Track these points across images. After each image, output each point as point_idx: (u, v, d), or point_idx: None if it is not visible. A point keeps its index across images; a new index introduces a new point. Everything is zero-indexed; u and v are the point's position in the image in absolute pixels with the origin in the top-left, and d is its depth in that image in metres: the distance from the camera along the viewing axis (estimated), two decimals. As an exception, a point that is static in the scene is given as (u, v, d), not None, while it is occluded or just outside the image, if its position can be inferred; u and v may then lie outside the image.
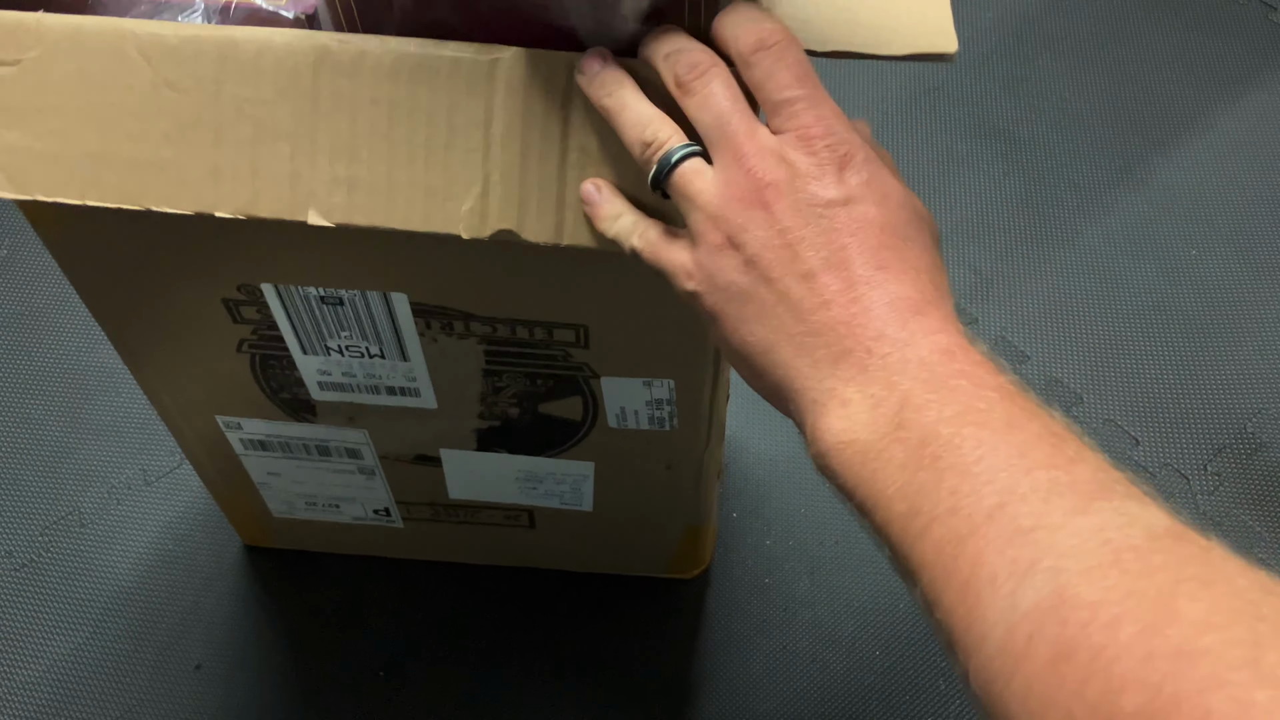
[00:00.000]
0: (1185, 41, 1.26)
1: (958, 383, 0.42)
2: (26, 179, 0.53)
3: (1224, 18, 1.28)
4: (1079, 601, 0.35)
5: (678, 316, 0.62)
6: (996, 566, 0.37)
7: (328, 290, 0.63)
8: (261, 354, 0.69)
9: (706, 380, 0.67)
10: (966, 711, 0.86)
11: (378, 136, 0.52)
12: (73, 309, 1.05)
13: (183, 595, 0.92)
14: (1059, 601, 0.35)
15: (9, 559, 0.93)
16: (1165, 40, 1.26)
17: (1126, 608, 0.34)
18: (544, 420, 0.72)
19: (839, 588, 0.93)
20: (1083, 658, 0.34)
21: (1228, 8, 1.29)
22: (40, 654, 0.89)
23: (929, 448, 0.41)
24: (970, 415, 0.41)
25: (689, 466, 0.76)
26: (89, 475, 0.97)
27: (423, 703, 0.87)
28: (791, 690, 0.88)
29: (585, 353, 0.66)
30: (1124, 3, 1.29)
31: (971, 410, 0.41)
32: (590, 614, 0.91)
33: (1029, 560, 0.37)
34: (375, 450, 0.77)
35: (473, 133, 0.52)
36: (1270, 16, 1.28)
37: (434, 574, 0.93)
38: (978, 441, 0.40)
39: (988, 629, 0.37)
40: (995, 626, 0.37)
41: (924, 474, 0.40)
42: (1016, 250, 1.12)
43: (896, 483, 0.41)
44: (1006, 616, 0.36)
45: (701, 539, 0.88)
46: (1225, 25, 1.27)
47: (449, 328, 0.65)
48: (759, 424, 1.00)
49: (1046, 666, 0.35)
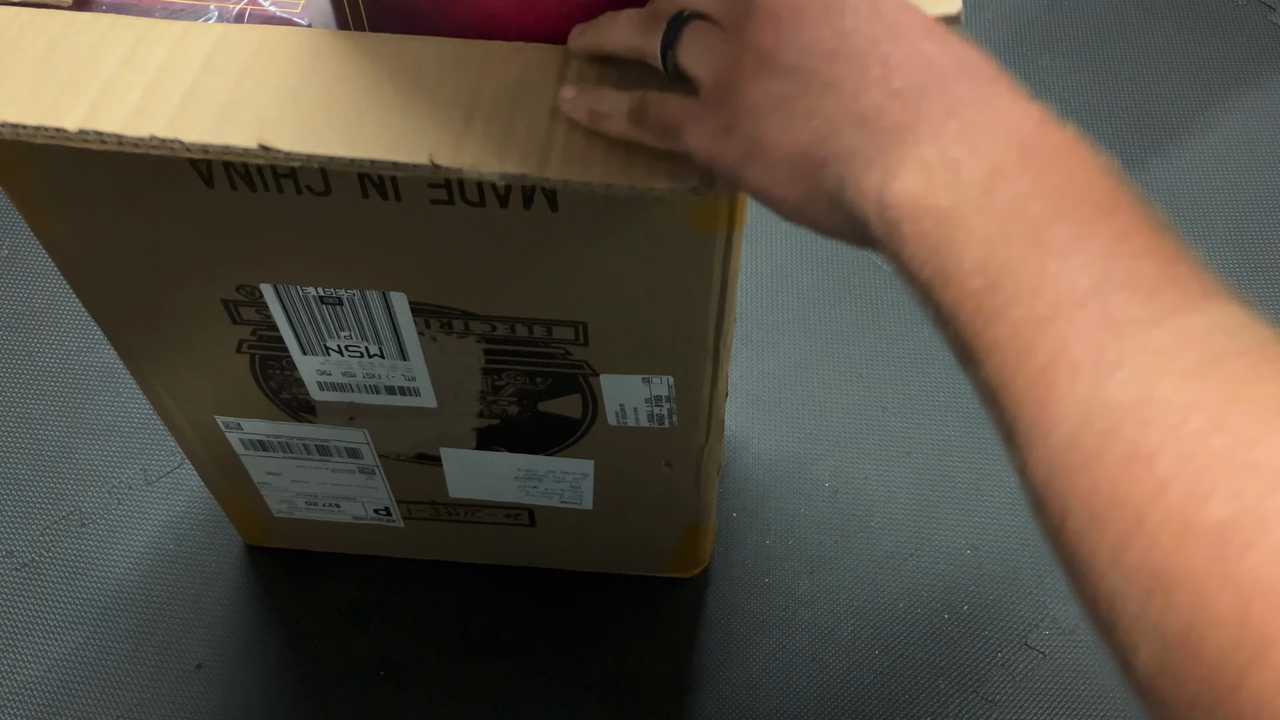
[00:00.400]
0: (1185, 42, 1.26)
1: (1054, 154, 0.38)
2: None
3: (1224, 18, 1.28)
4: (1170, 403, 0.32)
5: (677, 312, 0.62)
6: (1080, 356, 0.34)
7: (327, 290, 0.63)
8: (261, 354, 0.69)
9: (706, 376, 0.67)
10: (966, 711, 0.87)
11: (355, 87, 0.51)
12: (73, 309, 1.05)
13: (183, 595, 0.92)
14: (1147, 399, 0.32)
15: (10, 559, 0.93)
16: (1165, 40, 1.26)
17: (1224, 413, 0.31)
18: (544, 418, 0.72)
19: (839, 587, 0.93)
20: (1165, 461, 0.31)
21: (1228, 8, 1.29)
22: (41, 653, 0.89)
23: (1017, 221, 0.37)
24: (1068, 191, 0.37)
25: (688, 464, 0.76)
26: (90, 475, 0.97)
27: (423, 702, 0.87)
28: (791, 690, 0.88)
29: (584, 350, 0.66)
30: (1123, 3, 1.29)
31: (1070, 186, 0.37)
32: (590, 613, 0.91)
33: (1118, 353, 0.33)
34: (375, 450, 0.78)
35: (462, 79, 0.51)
36: (1270, 17, 1.28)
37: (434, 573, 0.93)
38: (1075, 220, 0.36)
39: (1058, 420, 0.34)
40: (1068, 419, 0.33)
41: (1009, 249, 0.36)
42: (1016, 250, 1.11)
43: (976, 255, 0.37)
44: (1083, 410, 0.33)
45: (701, 538, 0.88)
46: (1225, 25, 1.27)
47: (448, 326, 0.65)
48: (759, 424, 1.01)
49: (1120, 466, 0.32)
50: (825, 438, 1.00)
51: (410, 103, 0.50)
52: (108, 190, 0.57)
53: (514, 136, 0.49)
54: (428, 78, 0.50)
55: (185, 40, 0.51)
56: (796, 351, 1.05)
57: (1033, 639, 0.89)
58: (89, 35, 0.51)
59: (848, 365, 1.04)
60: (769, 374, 1.03)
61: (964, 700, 0.87)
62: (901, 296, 1.07)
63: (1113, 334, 0.34)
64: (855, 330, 1.06)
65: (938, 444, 1.00)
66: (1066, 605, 0.89)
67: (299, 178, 0.54)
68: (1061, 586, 0.96)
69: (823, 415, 1.01)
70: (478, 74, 0.51)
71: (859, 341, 1.05)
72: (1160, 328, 0.34)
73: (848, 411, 1.02)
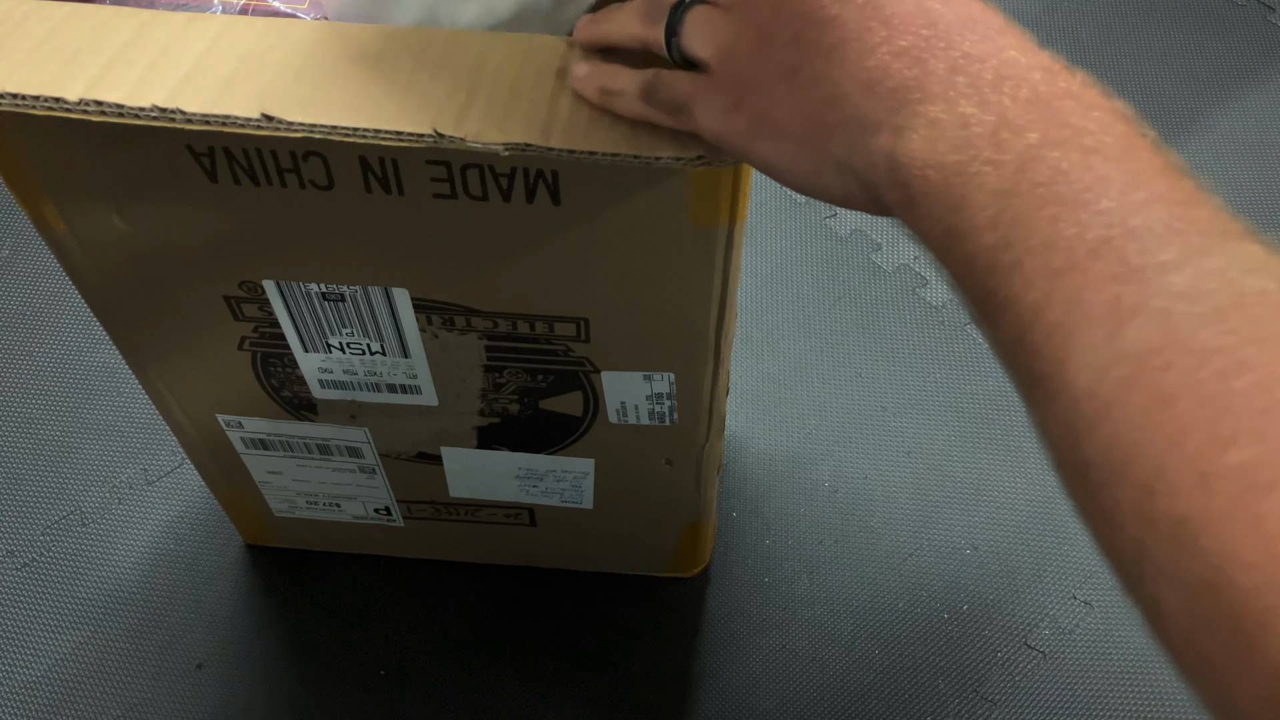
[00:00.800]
0: (1185, 42, 1.26)
1: (1064, 103, 0.37)
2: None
3: (1224, 18, 1.28)
4: (1189, 345, 0.31)
5: (679, 307, 0.62)
6: (1095, 305, 0.33)
7: (329, 286, 0.63)
8: (263, 352, 0.69)
9: (707, 372, 0.67)
10: (966, 711, 0.86)
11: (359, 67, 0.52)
12: (73, 309, 1.05)
13: (184, 594, 0.92)
14: (1165, 344, 0.32)
15: (10, 558, 0.93)
16: (1165, 40, 1.26)
17: (1246, 355, 0.31)
18: (545, 416, 0.72)
19: (838, 587, 0.93)
20: (1185, 405, 0.31)
21: (1228, 8, 1.29)
22: (41, 653, 0.89)
23: (1028, 173, 0.36)
24: (1079, 139, 0.36)
25: (689, 462, 0.76)
26: (90, 475, 0.97)
27: (423, 702, 0.87)
28: (791, 689, 0.88)
29: (586, 346, 0.66)
30: (1123, 3, 1.30)
31: (1081, 133, 0.36)
32: (590, 613, 0.91)
33: (1135, 299, 0.33)
34: (376, 448, 0.78)
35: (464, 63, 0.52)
36: (1270, 17, 1.28)
37: (434, 573, 0.93)
38: (1086, 167, 0.35)
39: (1076, 371, 0.33)
40: (1085, 369, 0.33)
41: (1021, 201, 0.36)
42: (1016, 250, 1.12)
43: (987, 211, 0.36)
44: (1100, 358, 0.33)
45: (701, 536, 0.88)
46: (1225, 26, 1.27)
47: (450, 323, 0.65)
48: (759, 423, 1.01)
49: (1139, 413, 0.31)
50: (825, 438, 1.00)
51: (414, 81, 0.50)
52: (111, 186, 0.57)
53: (517, 111, 0.50)
54: (432, 59, 0.51)
55: (190, 26, 0.52)
56: (796, 351, 1.05)
57: (1033, 639, 0.89)
58: (93, 21, 0.52)
59: (848, 365, 1.04)
60: (769, 374, 1.03)
61: (964, 700, 0.87)
62: (901, 296, 1.08)
63: (1128, 282, 0.33)
64: (855, 330, 1.06)
65: (938, 444, 1.00)
66: (1066, 605, 0.89)
67: (302, 172, 0.55)
68: (1062, 586, 0.96)
69: (823, 415, 1.01)
70: (481, 56, 0.51)
71: (859, 341, 1.05)
72: (1178, 272, 0.33)
73: (848, 411, 1.02)
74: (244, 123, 0.49)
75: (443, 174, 0.54)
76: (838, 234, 1.12)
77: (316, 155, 0.54)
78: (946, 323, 1.06)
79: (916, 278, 1.09)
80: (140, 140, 0.53)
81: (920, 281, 1.09)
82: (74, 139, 0.53)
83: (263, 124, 0.49)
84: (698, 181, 0.53)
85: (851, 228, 1.13)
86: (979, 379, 1.03)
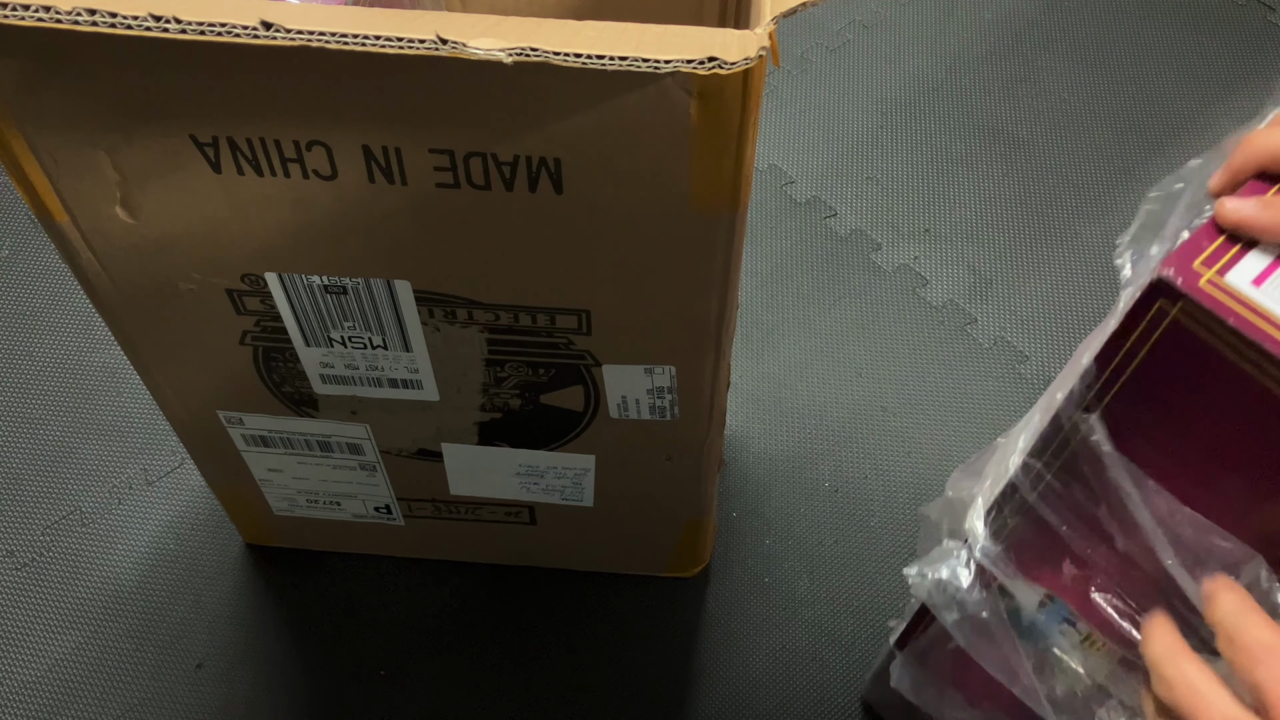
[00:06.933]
0: (1184, 42, 1.27)
1: None
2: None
3: (1223, 18, 1.28)
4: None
5: (680, 298, 0.62)
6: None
7: (331, 279, 0.63)
8: (264, 346, 0.69)
9: (708, 365, 0.67)
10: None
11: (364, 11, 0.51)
12: (73, 309, 1.05)
13: (184, 594, 0.92)
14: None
15: (11, 558, 0.93)
16: (1164, 41, 1.27)
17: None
18: (546, 411, 0.72)
19: (838, 587, 0.93)
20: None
21: (1227, 8, 1.29)
22: (42, 653, 0.89)
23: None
24: None
25: (689, 457, 0.76)
26: (90, 475, 0.97)
27: (423, 701, 0.87)
28: (791, 689, 0.88)
29: (587, 339, 0.66)
30: (1123, 3, 1.30)
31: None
32: (590, 613, 0.91)
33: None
34: (377, 445, 0.78)
35: None
36: (1270, 17, 1.29)
37: (435, 572, 0.93)
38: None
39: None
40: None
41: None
42: (1016, 250, 1.12)
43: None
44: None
45: (701, 535, 0.87)
46: (1225, 26, 1.28)
47: (451, 316, 0.65)
48: (759, 422, 1.01)
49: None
50: (825, 438, 1.00)
51: (419, 15, 0.50)
52: (113, 177, 0.57)
53: (519, 23, 0.49)
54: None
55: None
56: (796, 351, 1.05)
57: (1034, 638, 0.89)
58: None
59: (848, 365, 1.04)
60: (769, 374, 1.03)
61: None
62: (901, 296, 1.08)
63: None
64: (855, 330, 1.06)
65: (938, 444, 1.00)
66: (1068, 603, 0.89)
67: (306, 162, 0.54)
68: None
69: (823, 415, 1.01)
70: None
71: (859, 341, 1.05)
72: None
73: (848, 411, 1.02)
74: (241, 31, 0.48)
75: (446, 163, 0.54)
76: (838, 234, 1.12)
77: (320, 144, 0.54)
78: (946, 323, 1.06)
79: (916, 278, 1.09)
80: (140, 132, 0.53)
81: (920, 281, 1.09)
82: (75, 138, 0.53)
83: (260, 31, 0.48)
84: (699, 134, 0.52)
85: (851, 228, 1.13)
86: (979, 379, 1.03)
